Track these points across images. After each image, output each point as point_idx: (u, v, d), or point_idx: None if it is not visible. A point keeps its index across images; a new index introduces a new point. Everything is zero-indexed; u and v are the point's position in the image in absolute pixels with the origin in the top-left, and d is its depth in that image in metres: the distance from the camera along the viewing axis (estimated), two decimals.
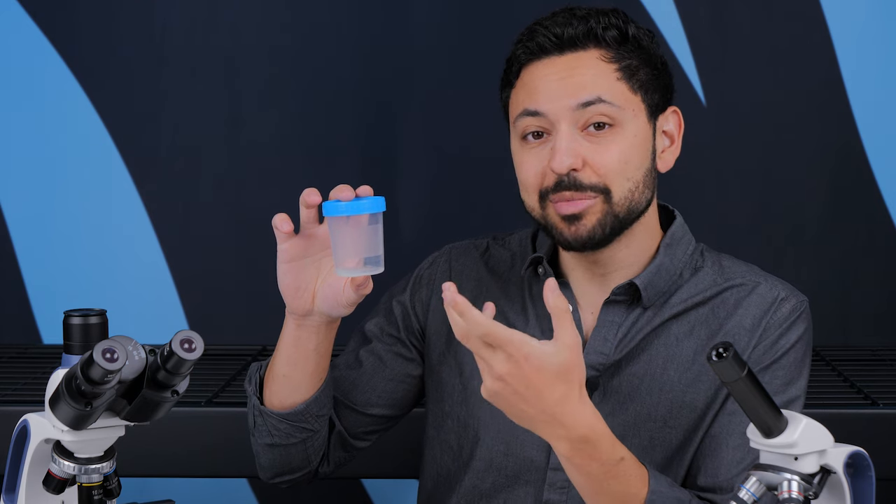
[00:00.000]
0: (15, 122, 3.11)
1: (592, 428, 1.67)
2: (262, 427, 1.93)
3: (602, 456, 1.68)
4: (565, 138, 1.83)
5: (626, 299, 1.91)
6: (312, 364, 1.89)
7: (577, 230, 1.85)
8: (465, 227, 3.06)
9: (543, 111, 1.84)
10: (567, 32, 1.85)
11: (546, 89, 1.85)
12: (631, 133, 1.85)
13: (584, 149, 1.83)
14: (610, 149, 1.83)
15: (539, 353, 1.60)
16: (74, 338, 1.61)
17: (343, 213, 1.72)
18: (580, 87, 1.83)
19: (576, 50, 1.85)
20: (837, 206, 3.09)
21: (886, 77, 3.07)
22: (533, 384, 1.62)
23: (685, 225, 1.96)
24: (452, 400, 1.97)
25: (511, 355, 1.60)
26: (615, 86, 1.85)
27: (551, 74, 1.85)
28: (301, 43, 3.09)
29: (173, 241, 3.12)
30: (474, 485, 1.94)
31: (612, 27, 1.86)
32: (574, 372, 1.63)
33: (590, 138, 1.84)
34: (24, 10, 3.09)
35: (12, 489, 1.68)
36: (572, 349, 1.62)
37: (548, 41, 1.85)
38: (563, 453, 1.68)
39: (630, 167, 1.85)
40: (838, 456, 1.52)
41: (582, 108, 1.83)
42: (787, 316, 1.89)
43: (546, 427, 1.66)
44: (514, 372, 1.61)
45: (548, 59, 1.86)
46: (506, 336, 1.60)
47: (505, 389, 1.62)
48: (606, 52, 1.85)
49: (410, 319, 2.02)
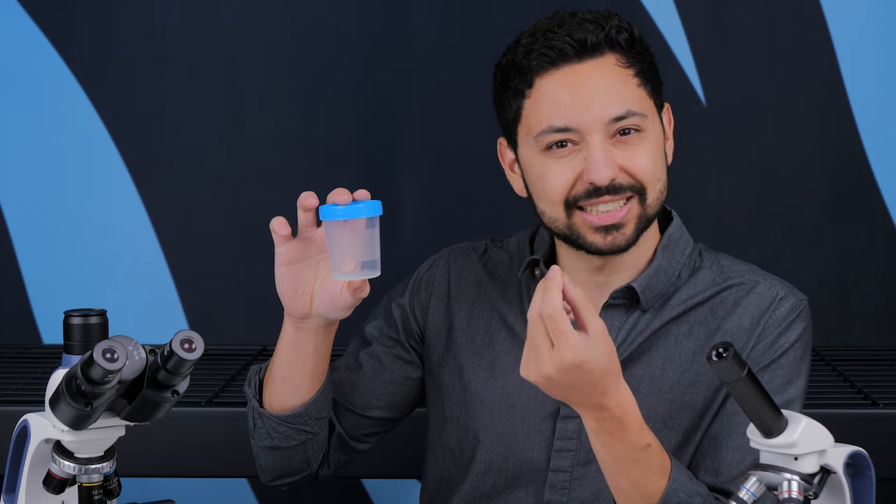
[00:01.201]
0: (15, 122, 3.11)
1: (625, 410, 1.68)
2: (262, 430, 1.93)
3: (629, 438, 1.70)
4: (599, 149, 1.82)
5: (624, 302, 1.91)
6: (311, 366, 1.89)
7: (614, 239, 1.85)
8: (465, 228, 3.06)
9: (574, 126, 1.82)
10: (589, 39, 1.83)
11: (573, 104, 1.83)
12: (653, 136, 1.86)
13: (616, 157, 1.83)
14: (640, 153, 1.84)
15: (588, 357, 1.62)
16: (74, 338, 1.61)
17: (340, 217, 1.72)
18: (610, 101, 1.82)
19: (594, 56, 1.84)
20: (837, 206, 3.09)
21: (886, 77, 3.07)
22: (576, 384, 1.64)
23: (682, 226, 1.96)
24: (452, 403, 1.97)
25: (563, 360, 1.61)
26: (637, 94, 1.85)
27: (576, 87, 1.83)
28: (301, 43, 3.09)
29: (173, 241, 3.12)
30: (475, 487, 1.95)
31: (622, 30, 1.85)
32: (613, 362, 1.65)
33: (619, 145, 1.83)
34: (24, 10, 3.09)
35: (12, 489, 1.68)
36: (604, 336, 1.64)
37: (569, 47, 1.83)
38: (592, 428, 1.70)
39: (659, 168, 1.86)
40: (838, 456, 1.52)
41: (613, 122, 1.82)
42: (785, 315, 1.89)
43: (583, 408, 1.68)
44: (560, 376, 1.63)
45: (567, 66, 1.83)
46: (565, 331, 1.61)
47: (549, 385, 1.64)
48: (621, 58, 1.85)
49: (410, 322, 2.02)
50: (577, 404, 1.68)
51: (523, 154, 1.89)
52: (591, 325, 1.64)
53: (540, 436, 1.91)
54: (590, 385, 1.64)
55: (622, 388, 1.67)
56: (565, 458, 1.89)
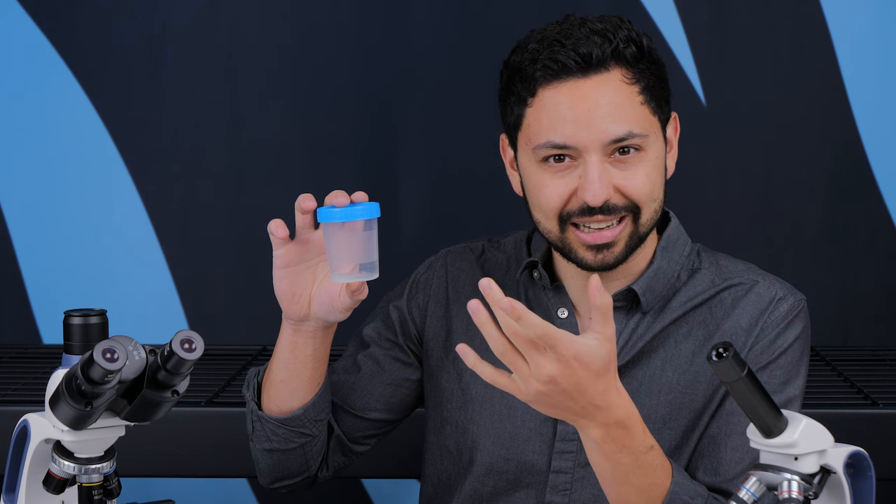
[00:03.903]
0: (15, 122, 3.10)
1: (628, 413, 1.66)
2: (261, 432, 1.93)
3: (634, 442, 1.67)
4: (596, 169, 1.80)
5: (625, 305, 1.90)
6: (310, 369, 1.89)
7: (604, 258, 1.84)
8: (465, 228, 3.06)
9: (573, 144, 1.80)
10: (595, 54, 1.79)
11: (574, 121, 1.79)
12: (653, 155, 1.83)
13: (613, 176, 1.81)
14: (637, 173, 1.81)
15: (587, 350, 1.58)
16: (74, 338, 1.61)
17: (337, 219, 1.72)
18: (610, 121, 1.79)
19: (599, 72, 1.80)
20: (837, 206, 3.09)
21: (886, 77, 3.07)
22: (580, 382, 1.60)
23: (680, 227, 1.95)
24: (451, 405, 1.96)
25: (562, 355, 1.57)
26: (640, 112, 1.82)
27: (578, 104, 1.80)
28: (301, 43, 3.09)
29: (173, 241, 3.12)
30: (475, 489, 1.94)
31: (630, 43, 1.81)
32: (613, 362, 1.62)
33: (617, 164, 1.81)
34: (24, 11, 3.09)
35: (12, 489, 1.68)
36: (611, 340, 1.61)
37: (572, 62, 1.79)
38: (596, 439, 1.66)
39: (656, 188, 1.84)
40: (838, 456, 1.52)
41: (614, 142, 1.80)
42: (784, 315, 1.89)
43: (585, 418, 1.64)
44: (564, 372, 1.58)
45: (571, 81, 1.80)
46: (558, 334, 1.57)
47: (554, 390, 1.59)
48: (627, 72, 1.81)
49: (408, 324, 2.02)
50: (580, 412, 1.63)
51: (522, 160, 1.88)
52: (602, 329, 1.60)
53: (541, 438, 1.90)
54: (591, 382, 1.60)
55: (622, 390, 1.66)
56: (566, 460, 1.89)
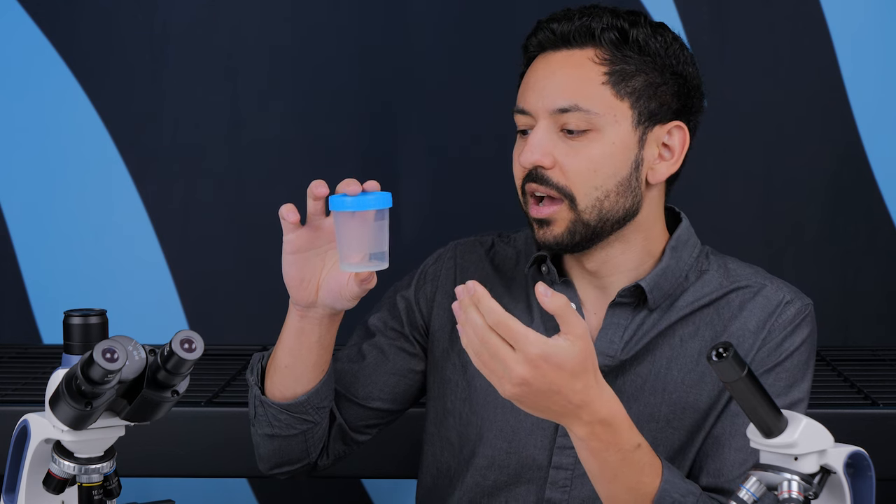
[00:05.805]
0: (15, 122, 3.11)
1: (612, 411, 1.66)
2: (263, 417, 1.93)
3: (620, 440, 1.68)
4: (538, 134, 1.83)
5: (631, 301, 1.90)
6: (314, 356, 1.89)
7: (545, 234, 1.85)
8: (466, 228, 3.04)
9: (528, 109, 1.85)
10: (562, 29, 1.85)
11: (532, 87, 1.86)
12: (609, 140, 1.83)
13: (557, 149, 1.83)
14: (581, 154, 1.83)
15: (556, 351, 1.59)
16: (74, 338, 1.61)
17: (349, 208, 1.71)
18: (558, 91, 1.83)
19: (571, 48, 1.85)
20: (837, 206, 3.09)
21: (886, 77, 3.07)
22: (555, 382, 1.61)
23: (691, 228, 1.96)
24: (455, 397, 1.97)
25: (528, 356, 1.59)
26: (597, 91, 1.83)
27: (540, 72, 1.86)
28: (301, 43, 3.09)
29: (173, 241, 3.12)
30: (476, 482, 1.95)
31: (612, 28, 1.84)
32: (589, 360, 1.62)
33: (566, 140, 1.83)
34: (24, 11, 3.09)
35: (12, 489, 1.68)
36: (583, 338, 1.61)
37: (546, 38, 1.86)
38: (581, 437, 1.67)
39: (599, 176, 1.83)
40: (838, 456, 1.52)
41: (558, 112, 1.83)
42: (791, 319, 1.89)
43: (567, 416, 1.65)
44: (534, 373, 1.60)
45: (547, 55, 1.87)
46: (521, 332, 1.58)
47: (528, 392, 1.61)
48: (601, 53, 1.84)
49: (414, 315, 2.02)
50: (561, 412, 1.64)
51: None
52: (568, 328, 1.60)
53: (542, 433, 1.91)
54: (566, 382, 1.61)
55: (604, 389, 1.66)
56: (567, 456, 1.89)
